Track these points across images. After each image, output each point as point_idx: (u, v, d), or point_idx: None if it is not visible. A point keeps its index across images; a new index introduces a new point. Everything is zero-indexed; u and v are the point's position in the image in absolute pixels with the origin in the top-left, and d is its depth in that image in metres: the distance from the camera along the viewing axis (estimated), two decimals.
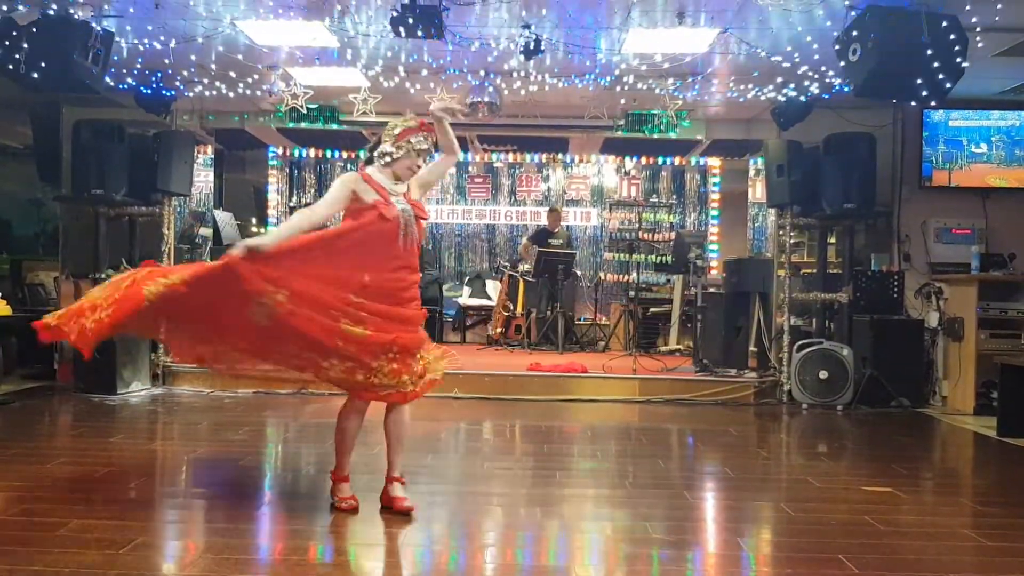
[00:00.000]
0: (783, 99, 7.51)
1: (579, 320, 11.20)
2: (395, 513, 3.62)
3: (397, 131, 3.62)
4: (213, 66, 7.21)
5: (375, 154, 3.68)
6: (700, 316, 8.43)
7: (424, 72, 7.32)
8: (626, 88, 7.58)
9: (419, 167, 3.68)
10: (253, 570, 3.04)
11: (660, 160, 11.76)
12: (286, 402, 6.98)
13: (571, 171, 12.18)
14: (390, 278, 3.57)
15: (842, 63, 5.54)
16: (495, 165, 12.11)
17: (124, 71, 7.09)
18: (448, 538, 3.51)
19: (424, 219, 3.67)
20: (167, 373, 7.62)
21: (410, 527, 3.54)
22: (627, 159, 11.78)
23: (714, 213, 11.91)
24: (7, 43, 5.66)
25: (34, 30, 5.63)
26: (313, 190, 12.39)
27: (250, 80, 7.60)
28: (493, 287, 11.26)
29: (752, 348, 8.22)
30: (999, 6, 5.41)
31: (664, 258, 11.55)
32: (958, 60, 5.14)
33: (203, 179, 10.63)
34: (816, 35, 6.10)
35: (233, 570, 2.99)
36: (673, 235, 11.27)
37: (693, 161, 11.72)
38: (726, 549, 3.49)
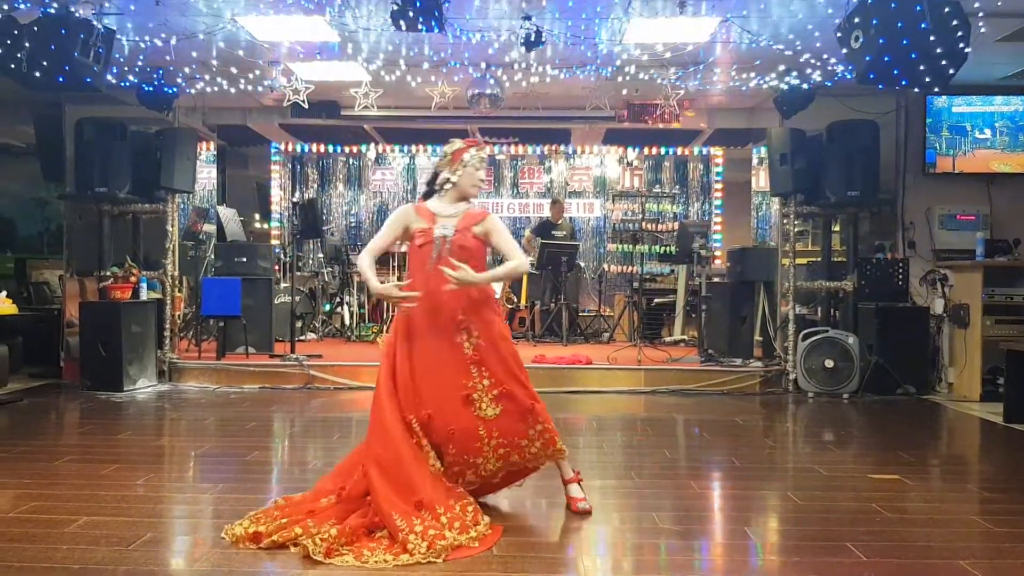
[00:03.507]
0: (785, 87, 7.49)
1: (583, 312, 11.20)
2: (573, 513, 3.65)
3: (449, 156, 3.69)
4: (214, 62, 7.21)
5: (437, 185, 3.73)
6: (705, 306, 8.43)
7: (425, 65, 7.33)
8: (628, 78, 7.56)
9: (482, 180, 3.75)
10: (261, 564, 3.05)
11: (663, 150, 11.76)
12: (292, 397, 7.00)
13: (573, 162, 12.18)
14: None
15: (844, 50, 5.51)
16: (497, 157, 12.11)
17: (126, 68, 7.09)
18: None
19: (466, 247, 3.60)
20: (173, 370, 7.64)
21: None
22: (629, 149, 11.77)
23: (717, 202, 11.90)
24: (8, 42, 5.65)
25: (35, 29, 5.63)
26: (316, 185, 12.41)
27: (251, 76, 7.60)
28: None
29: (757, 337, 8.23)
30: None
31: (668, 248, 11.57)
32: (961, 46, 5.11)
33: (206, 176, 10.65)
34: (818, 22, 6.08)
35: (242, 564, 3.01)
36: (676, 225, 11.28)
37: (696, 150, 11.71)
38: (733, 538, 3.49)
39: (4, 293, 6.97)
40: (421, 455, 3.44)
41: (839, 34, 5.52)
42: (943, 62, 5.16)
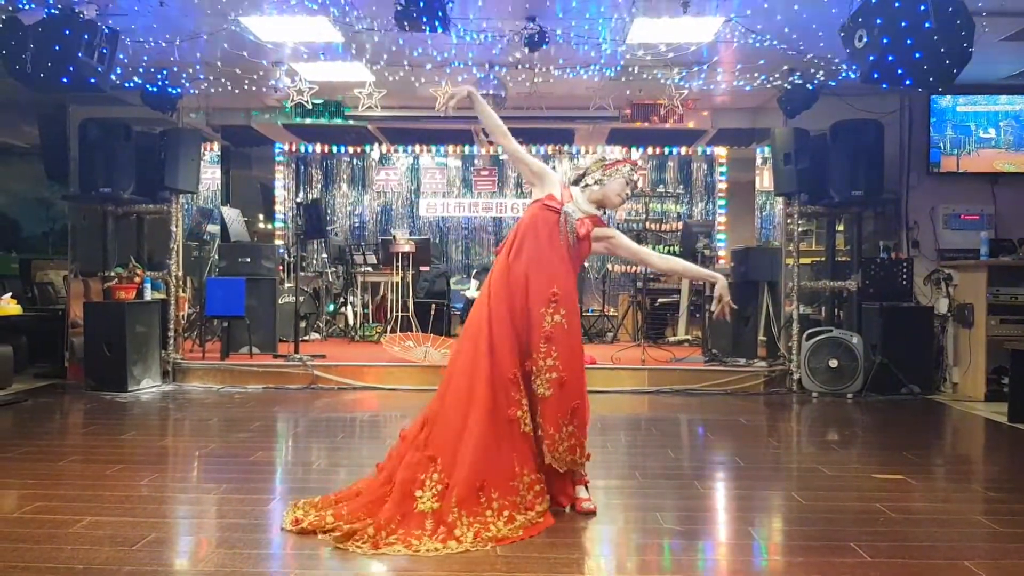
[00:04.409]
0: (789, 87, 7.48)
1: (587, 312, 11.19)
2: (577, 513, 3.65)
3: (606, 161, 3.79)
4: (218, 63, 7.21)
5: (583, 183, 3.79)
6: (708, 306, 8.42)
7: (429, 66, 7.32)
8: (631, 79, 7.56)
9: (628, 195, 3.84)
10: (265, 565, 3.05)
11: (666, 150, 11.75)
12: (296, 397, 7.01)
13: (577, 162, 12.15)
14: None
15: (848, 50, 5.50)
16: (501, 157, 12.11)
17: (130, 69, 7.09)
18: None
19: (580, 237, 3.66)
20: (177, 370, 7.65)
21: None
22: (634, 149, 11.76)
23: (721, 202, 11.90)
24: (13, 43, 5.67)
25: (39, 30, 5.64)
26: (320, 185, 12.42)
27: (255, 76, 7.60)
28: None
29: (761, 337, 8.22)
30: None
31: (672, 248, 11.56)
32: (965, 45, 5.09)
33: (210, 176, 10.67)
34: (821, 22, 6.07)
35: (245, 565, 3.01)
36: (680, 225, 11.27)
37: (700, 150, 11.70)
38: (737, 538, 3.49)
39: (9, 294, 6.99)
40: (504, 418, 3.44)
41: (843, 34, 5.51)
42: (947, 61, 5.13)
